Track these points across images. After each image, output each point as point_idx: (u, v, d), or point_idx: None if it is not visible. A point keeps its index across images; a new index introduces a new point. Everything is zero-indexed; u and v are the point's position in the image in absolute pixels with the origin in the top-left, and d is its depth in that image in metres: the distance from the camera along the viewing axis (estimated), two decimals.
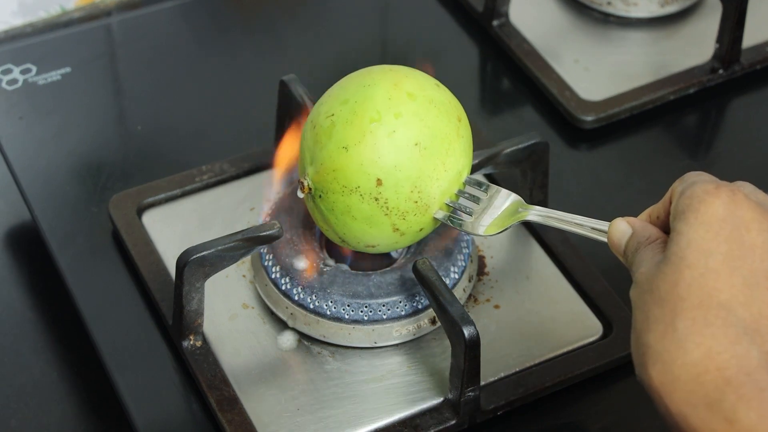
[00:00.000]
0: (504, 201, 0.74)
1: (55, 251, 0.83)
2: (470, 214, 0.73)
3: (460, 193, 0.74)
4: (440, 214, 0.73)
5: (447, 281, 0.77)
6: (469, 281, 0.80)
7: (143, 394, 0.75)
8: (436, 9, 1.04)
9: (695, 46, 0.99)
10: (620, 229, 0.65)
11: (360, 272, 0.77)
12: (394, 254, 0.80)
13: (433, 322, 0.77)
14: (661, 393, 0.57)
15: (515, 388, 0.75)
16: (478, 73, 1.01)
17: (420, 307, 0.77)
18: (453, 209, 0.73)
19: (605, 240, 0.67)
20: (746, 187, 0.62)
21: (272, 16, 1.04)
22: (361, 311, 0.76)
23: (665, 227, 0.64)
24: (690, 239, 0.58)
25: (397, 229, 0.73)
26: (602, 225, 0.68)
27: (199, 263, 0.73)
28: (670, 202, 0.63)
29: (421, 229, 0.74)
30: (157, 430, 0.74)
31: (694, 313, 0.57)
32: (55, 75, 0.96)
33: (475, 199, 0.74)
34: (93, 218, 0.86)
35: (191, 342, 0.76)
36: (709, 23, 1.00)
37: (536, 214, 0.72)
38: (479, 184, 0.74)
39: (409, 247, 0.79)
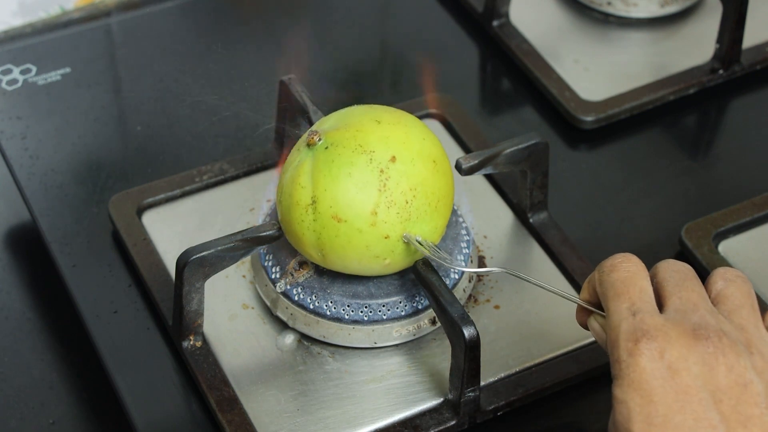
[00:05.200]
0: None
1: (55, 251, 0.83)
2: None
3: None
4: (408, 239, 0.73)
5: (447, 282, 0.77)
6: (469, 282, 0.80)
7: (143, 395, 0.75)
8: (436, 9, 1.04)
9: (695, 46, 0.99)
10: (596, 332, 0.68)
11: None
12: None
13: (433, 322, 0.77)
14: None
15: (515, 388, 0.75)
16: (478, 73, 1.01)
17: (420, 307, 0.77)
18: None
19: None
20: (669, 281, 0.64)
21: (272, 16, 1.04)
22: (361, 311, 0.76)
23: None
24: (630, 410, 0.60)
25: (375, 214, 0.72)
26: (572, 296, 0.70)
27: (199, 263, 0.73)
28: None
29: (386, 237, 0.72)
30: (156, 430, 0.74)
31: None
32: (54, 75, 0.96)
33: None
34: (93, 218, 0.86)
35: (191, 342, 0.76)
36: (709, 24, 1.00)
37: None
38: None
39: None
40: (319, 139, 0.73)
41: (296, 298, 0.77)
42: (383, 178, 0.72)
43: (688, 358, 0.60)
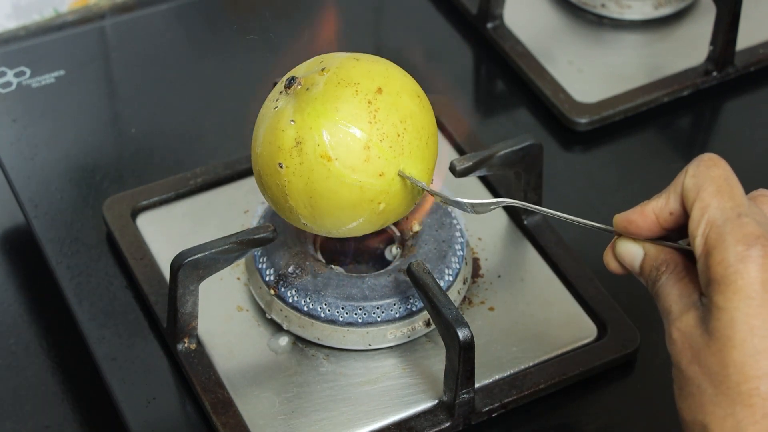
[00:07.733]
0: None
1: (49, 254, 0.83)
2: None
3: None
4: (404, 175, 0.69)
5: (441, 283, 0.77)
6: (464, 283, 0.80)
7: (138, 397, 0.75)
8: (431, 11, 1.04)
9: (689, 48, 0.99)
10: (631, 253, 0.64)
11: (354, 275, 0.77)
12: (388, 257, 0.80)
13: (427, 324, 0.77)
14: None
15: (510, 389, 0.75)
16: (472, 75, 1.01)
17: (414, 309, 0.77)
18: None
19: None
20: None
21: (266, 18, 1.04)
22: (356, 314, 0.76)
23: (679, 222, 0.62)
24: (732, 317, 0.57)
25: (368, 148, 0.67)
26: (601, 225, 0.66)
27: (194, 266, 0.73)
28: (681, 197, 0.62)
29: (381, 174, 0.68)
30: None
31: (752, 401, 0.56)
32: (48, 78, 0.96)
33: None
34: (87, 221, 0.86)
35: (186, 345, 0.76)
36: (703, 25, 1.00)
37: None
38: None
39: (402, 249, 0.79)
40: (299, 84, 0.69)
41: (290, 301, 0.76)
42: (372, 109, 0.67)
43: None
